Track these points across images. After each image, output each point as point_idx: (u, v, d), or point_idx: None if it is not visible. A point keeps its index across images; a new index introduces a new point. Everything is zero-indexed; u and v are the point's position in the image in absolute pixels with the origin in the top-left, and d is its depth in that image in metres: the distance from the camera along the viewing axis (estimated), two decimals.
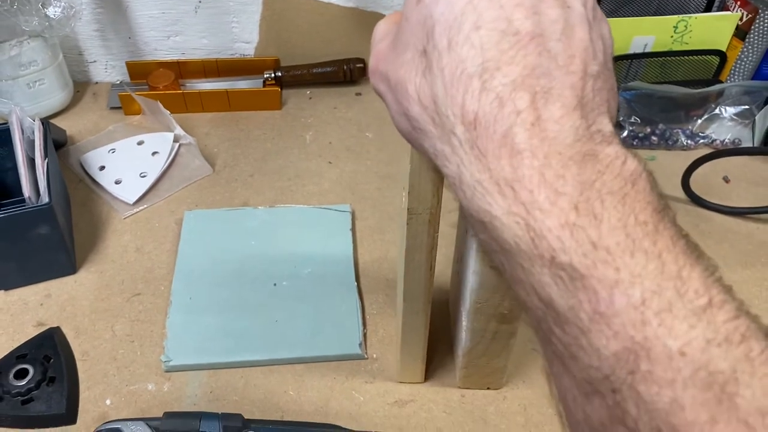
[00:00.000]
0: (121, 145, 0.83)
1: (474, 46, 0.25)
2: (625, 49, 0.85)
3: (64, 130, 0.84)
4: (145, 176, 0.78)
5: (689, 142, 0.86)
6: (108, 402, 0.59)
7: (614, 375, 0.22)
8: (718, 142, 0.86)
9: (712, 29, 0.84)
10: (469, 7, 0.25)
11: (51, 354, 0.61)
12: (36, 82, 0.83)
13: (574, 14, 0.27)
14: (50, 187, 0.64)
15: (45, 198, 0.64)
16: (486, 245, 0.26)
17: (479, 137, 0.25)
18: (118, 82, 0.93)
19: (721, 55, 0.85)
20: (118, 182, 0.78)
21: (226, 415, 0.51)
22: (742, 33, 0.85)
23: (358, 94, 0.93)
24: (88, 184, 0.79)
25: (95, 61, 0.92)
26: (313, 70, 0.92)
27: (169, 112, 0.81)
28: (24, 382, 0.58)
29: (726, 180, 0.82)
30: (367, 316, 0.66)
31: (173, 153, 0.82)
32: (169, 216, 0.75)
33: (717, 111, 0.86)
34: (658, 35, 0.84)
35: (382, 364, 0.62)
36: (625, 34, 0.84)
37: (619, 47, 0.85)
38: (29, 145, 0.69)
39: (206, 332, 0.63)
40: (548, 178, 0.24)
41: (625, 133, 0.85)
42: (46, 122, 0.74)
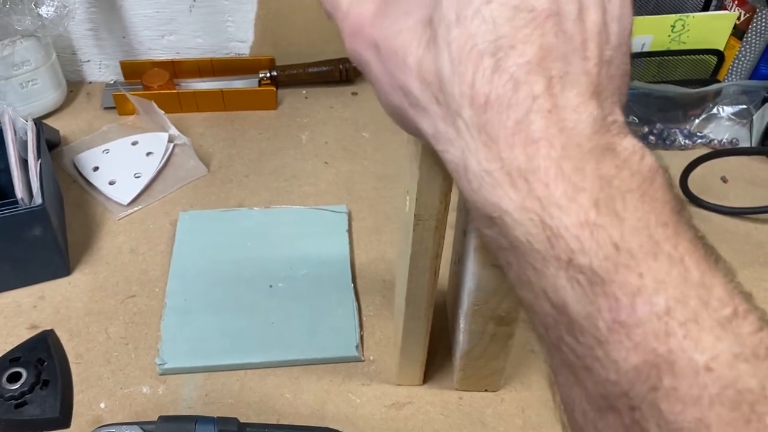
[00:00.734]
0: (115, 146, 0.82)
1: (485, 21, 0.23)
2: None
3: (58, 131, 0.83)
4: (139, 177, 0.78)
5: (687, 141, 0.85)
6: (102, 405, 0.58)
7: (633, 391, 0.21)
8: (716, 141, 0.86)
9: (710, 28, 0.84)
10: None
11: (44, 357, 0.60)
12: (29, 81, 0.82)
13: None
14: (43, 188, 0.64)
15: (38, 199, 0.63)
16: (491, 241, 0.24)
17: (490, 122, 0.23)
18: (112, 82, 0.92)
19: (719, 55, 0.85)
20: (112, 183, 0.77)
21: (222, 419, 0.50)
22: (739, 32, 0.84)
23: (355, 94, 0.92)
24: (82, 185, 0.78)
25: (89, 61, 0.91)
26: (309, 70, 0.91)
27: (163, 112, 0.81)
28: (17, 386, 0.57)
29: (724, 180, 0.82)
30: (364, 318, 0.65)
31: (168, 153, 0.81)
32: (163, 217, 0.75)
33: (715, 110, 0.86)
34: (656, 34, 0.84)
35: (379, 367, 0.62)
36: None
37: None
38: (22, 146, 0.69)
39: (201, 334, 0.63)
40: (566, 172, 0.22)
41: None
42: (39, 123, 0.73)
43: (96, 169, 0.79)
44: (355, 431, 0.55)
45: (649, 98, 0.84)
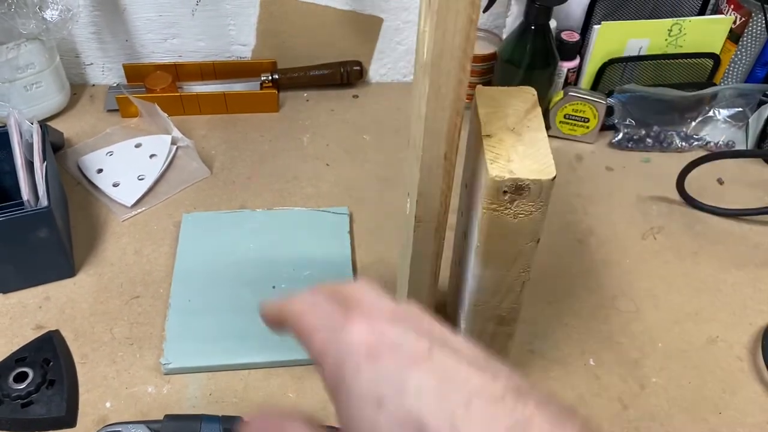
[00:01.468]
0: (119, 148, 0.83)
1: None
2: (620, 52, 0.86)
3: (62, 133, 0.84)
4: (143, 179, 0.78)
5: (684, 144, 0.86)
6: (108, 405, 0.59)
7: None
8: (712, 144, 0.87)
9: (706, 32, 0.85)
10: None
11: (50, 357, 0.61)
12: (33, 84, 0.83)
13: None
14: (49, 190, 0.64)
15: (44, 201, 0.64)
16: None
17: None
18: (116, 85, 0.93)
19: (715, 58, 0.86)
20: (116, 185, 0.78)
21: (227, 418, 0.51)
22: (735, 36, 0.85)
23: (356, 97, 0.93)
24: (86, 187, 0.79)
25: (92, 64, 0.92)
26: (311, 73, 0.92)
27: (166, 115, 0.81)
28: (23, 386, 0.58)
29: (720, 182, 0.83)
30: None
31: (171, 155, 0.82)
32: (167, 218, 0.75)
33: (711, 113, 0.87)
34: (653, 38, 0.85)
35: None
36: (620, 37, 0.84)
37: (614, 50, 0.85)
38: (27, 149, 0.69)
39: (205, 334, 0.63)
40: None
41: (620, 136, 0.86)
42: (44, 125, 0.74)
43: (100, 171, 0.80)
44: None
45: (646, 101, 0.85)
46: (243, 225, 0.74)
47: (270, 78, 0.91)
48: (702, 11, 0.88)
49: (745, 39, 0.85)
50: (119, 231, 0.74)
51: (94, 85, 0.94)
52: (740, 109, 0.86)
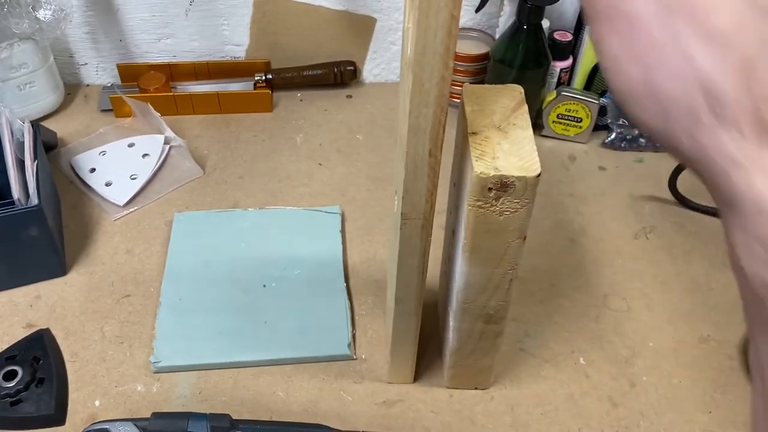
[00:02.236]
0: (112, 148, 0.83)
1: None
2: None
3: (55, 133, 0.84)
4: (135, 178, 0.79)
5: None
6: (97, 403, 0.59)
7: None
8: None
9: None
10: None
11: (40, 355, 0.61)
12: (26, 84, 0.83)
13: None
14: (39, 189, 0.64)
15: (34, 200, 0.64)
16: None
17: None
18: (109, 85, 0.93)
19: None
20: (108, 184, 0.78)
21: (214, 416, 0.51)
22: None
23: (349, 97, 0.93)
24: (79, 186, 0.79)
25: (86, 64, 0.92)
26: (304, 73, 0.92)
27: (159, 115, 0.82)
28: (13, 384, 0.58)
29: None
30: (356, 316, 0.66)
31: (164, 155, 0.82)
32: (159, 218, 0.76)
33: None
34: None
35: (371, 365, 0.62)
36: None
37: None
38: (19, 148, 0.69)
39: (195, 333, 0.63)
40: None
41: (613, 135, 0.86)
42: (36, 124, 0.74)
43: (93, 170, 0.80)
44: (347, 428, 0.56)
45: None
46: (234, 224, 0.74)
47: (264, 78, 0.91)
48: None
49: None
50: (111, 230, 0.74)
51: (88, 85, 0.94)
52: None
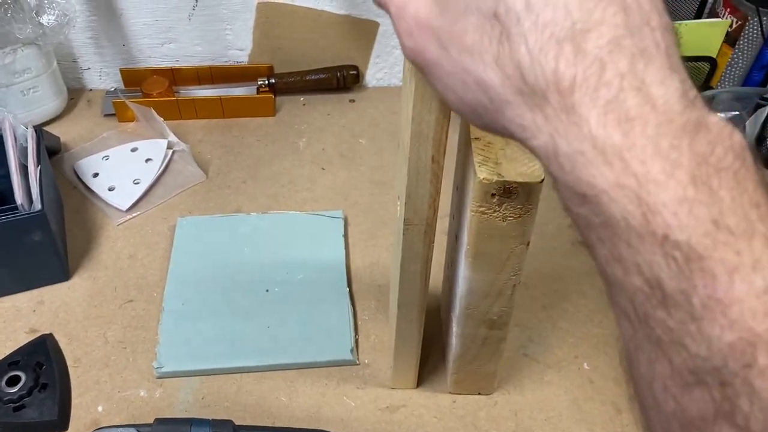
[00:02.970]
0: (115, 152, 0.83)
1: (557, 7, 0.23)
2: None
3: (58, 137, 0.84)
4: (138, 183, 0.79)
5: None
6: (100, 408, 0.59)
7: (726, 367, 0.21)
8: None
9: (702, 36, 0.85)
10: None
11: (43, 361, 0.61)
12: (30, 89, 0.83)
13: None
14: (43, 194, 0.65)
15: (37, 205, 0.64)
16: (582, 220, 0.24)
17: (578, 103, 0.23)
18: (112, 89, 0.93)
19: (712, 62, 0.86)
20: (111, 189, 0.78)
21: (217, 422, 0.51)
22: (731, 39, 0.85)
23: (352, 101, 0.93)
24: (82, 191, 0.79)
25: (89, 69, 0.93)
26: (307, 77, 0.92)
27: (162, 119, 0.82)
28: (16, 389, 0.58)
29: None
30: (359, 321, 0.66)
31: (167, 160, 0.82)
32: (162, 223, 0.76)
33: None
34: None
35: (374, 370, 0.62)
36: None
37: None
38: (22, 153, 0.70)
39: (198, 338, 0.63)
40: (663, 149, 0.22)
41: None
42: (39, 129, 0.74)
43: (96, 175, 0.80)
44: None
45: None
46: (237, 229, 0.74)
47: (266, 82, 0.91)
48: (698, 15, 0.88)
49: (741, 42, 0.85)
50: (114, 235, 0.74)
51: (91, 90, 0.94)
52: (737, 113, 0.86)
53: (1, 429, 0.57)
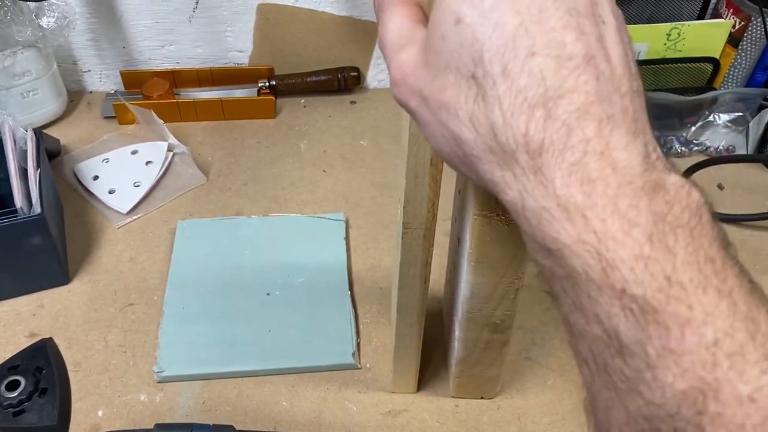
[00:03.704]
0: (115, 155, 0.83)
1: (533, 75, 0.25)
2: None
3: (58, 140, 0.83)
4: (138, 186, 0.78)
5: (683, 149, 0.86)
6: (100, 413, 0.58)
7: (679, 414, 0.22)
8: (712, 149, 0.86)
9: (705, 37, 0.84)
10: (521, 31, 0.25)
11: (43, 365, 0.60)
12: (30, 91, 0.83)
13: (609, 30, 0.26)
14: (42, 197, 0.64)
15: (37, 208, 0.64)
16: (548, 271, 0.26)
17: (545, 165, 0.24)
18: (113, 92, 0.93)
19: (715, 63, 0.86)
20: (111, 192, 0.78)
21: (217, 427, 0.51)
22: (734, 40, 0.85)
23: (353, 103, 0.93)
24: (82, 194, 0.78)
25: (89, 71, 0.92)
26: (308, 79, 0.92)
27: (162, 122, 0.81)
28: (15, 394, 0.57)
29: (720, 187, 0.82)
30: (361, 325, 0.66)
31: (167, 162, 0.82)
32: (162, 225, 0.75)
33: (711, 118, 0.86)
34: (651, 43, 0.84)
35: (376, 374, 0.62)
36: None
37: None
38: (21, 156, 0.69)
39: (199, 342, 0.63)
40: (622, 208, 0.23)
41: None
42: (39, 132, 0.74)
43: (96, 178, 0.80)
44: None
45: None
46: (238, 232, 0.74)
47: (267, 84, 0.91)
48: (701, 15, 0.87)
49: (744, 43, 0.84)
50: (114, 238, 0.74)
51: (91, 92, 0.94)
52: (740, 114, 0.86)
53: None
